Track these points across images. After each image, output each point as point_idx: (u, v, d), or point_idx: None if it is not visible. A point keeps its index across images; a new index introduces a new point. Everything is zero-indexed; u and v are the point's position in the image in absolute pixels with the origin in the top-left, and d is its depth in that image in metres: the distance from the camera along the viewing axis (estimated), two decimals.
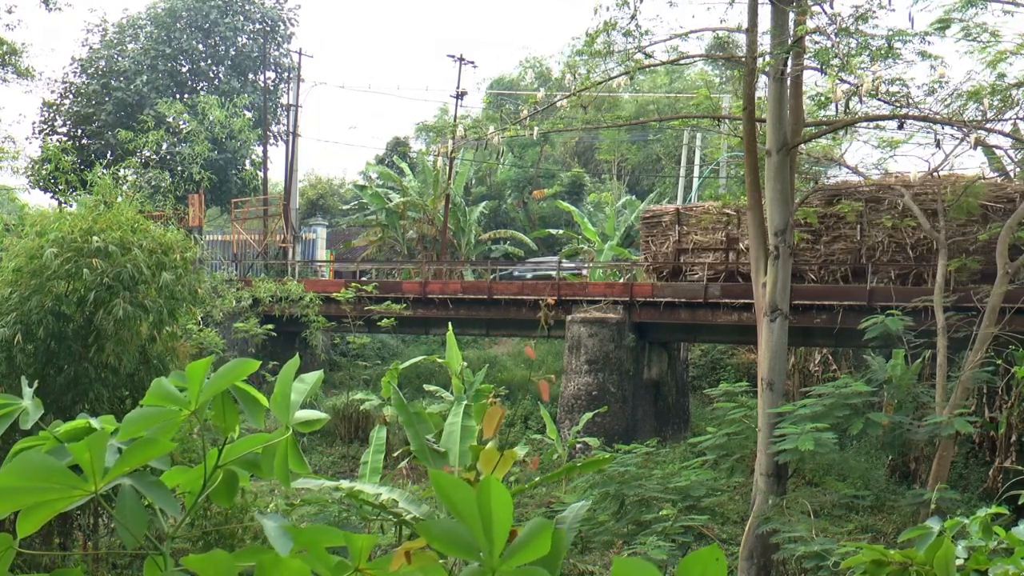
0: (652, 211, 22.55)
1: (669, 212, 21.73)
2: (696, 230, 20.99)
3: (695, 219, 21.01)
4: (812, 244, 19.48)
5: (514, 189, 38.77)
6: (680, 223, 21.11)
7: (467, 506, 1.44)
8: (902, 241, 18.53)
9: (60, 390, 9.76)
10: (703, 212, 21.02)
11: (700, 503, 11.50)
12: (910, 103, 11.95)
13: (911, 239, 18.32)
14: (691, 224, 21.06)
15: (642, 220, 22.73)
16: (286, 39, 37.82)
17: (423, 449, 8.80)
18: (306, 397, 1.85)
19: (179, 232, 11.35)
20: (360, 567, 1.72)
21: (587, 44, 11.87)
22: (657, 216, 21.90)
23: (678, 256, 21.08)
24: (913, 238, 18.26)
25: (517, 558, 1.44)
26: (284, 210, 30.19)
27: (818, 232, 19.34)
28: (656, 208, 23.10)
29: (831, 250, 19.43)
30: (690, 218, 21.12)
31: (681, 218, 21.17)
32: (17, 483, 1.50)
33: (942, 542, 2.43)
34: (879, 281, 18.49)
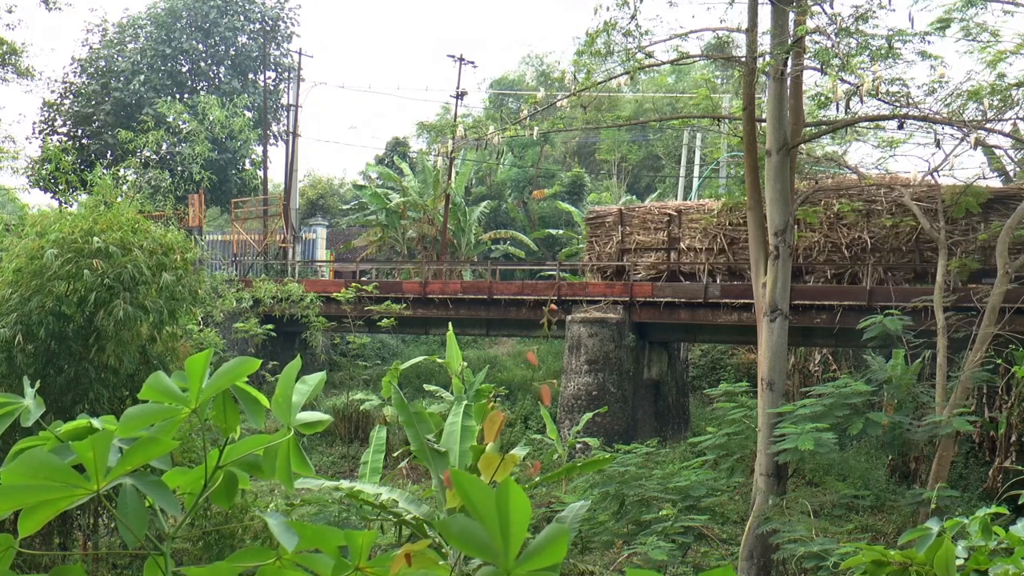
0: (596, 211, 22.91)
1: (612, 212, 22.10)
2: (638, 230, 21.40)
3: (638, 219, 21.44)
4: None
5: (514, 189, 38.77)
6: (623, 223, 21.52)
7: (486, 507, 1.44)
8: (837, 241, 18.89)
9: (60, 390, 9.77)
10: (645, 212, 21.46)
11: (700, 503, 11.50)
12: (910, 103, 11.96)
13: (846, 239, 18.69)
14: (634, 224, 21.47)
15: (586, 220, 23.11)
16: (286, 39, 37.82)
17: (423, 449, 8.81)
18: (308, 398, 1.84)
19: (179, 233, 11.36)
20: (360, 565, 1.72)
21: (587, 44, 11.88)
22: (601, 216, 22.27)
23: (621, 256, 21.45)
24: (848, 238, 18.65)
25: (533, 562, 1.44)
26: (284, 210, 30.19)
27: None
28: (599, 208, 23.47)
29: None
30: (633, 218, 21.54)
31: (624, 218, 21.58)
32: (20, 481, 1.50)
33: (942, 542, 2.43)
34: (815, 280, 18.96)
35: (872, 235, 18.57)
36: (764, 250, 11.82)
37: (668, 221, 20.96)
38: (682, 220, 20.81)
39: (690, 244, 20.67)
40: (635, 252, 21.35)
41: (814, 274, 19.14)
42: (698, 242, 20.57)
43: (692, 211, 20.90)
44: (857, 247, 18.73)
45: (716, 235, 20.37)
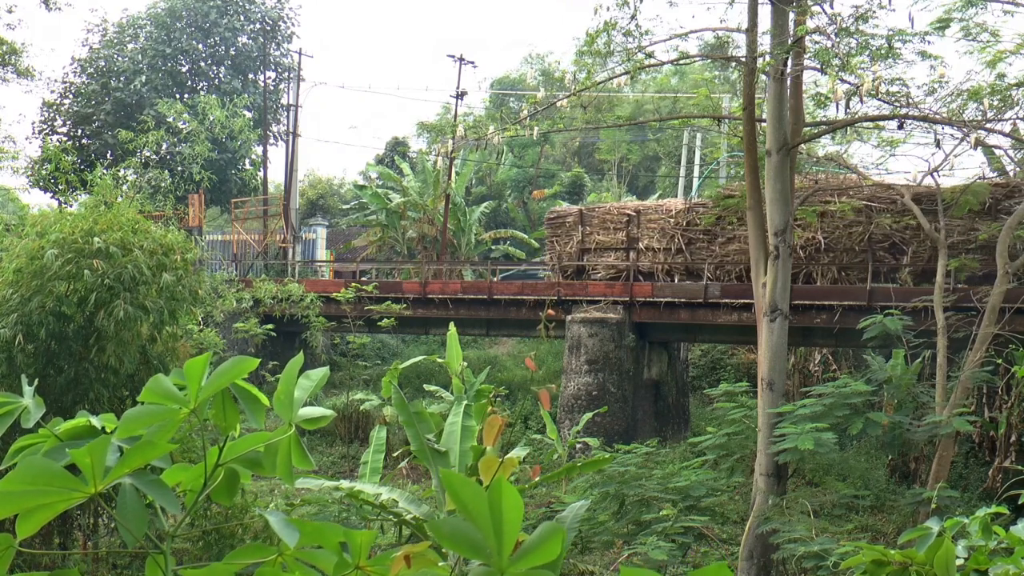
0: (556, 212, 23.22)
1: (572, 213, 22.37)
2: (598, 230, 21.66)
3: (598, 220, 21.69)
4: (708, 245, 20.24)
5: (514, 189, 38.77)
6: (583, 223, 21.77)
7: (478, 507, 1.44)
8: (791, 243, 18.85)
9: (60, 390, 9.77)
10: (604, 213, 21.74)
11: (700, 503, 11.50)
12: (910, 103, 11.96)
13: (800, 240, 18.97)
14: (594, 225, 21.72)
15: (547, 221, 23.41)
16: (286, 39, 37.83)
17: (423, 449, 8.81)
18: (310, 394, 1.84)
19: (179, 233, 11.36)
20: (360, 564, 1.72)
21: (587, 44, 11.88)
22: (561, 217, 22.55)
23: (582, 255, 21.69)
24: (802, 239, 18.94)
25: (526, 561, 1.44)
26: (284, 210, 30.18)
27: (713, 234, 20.12)
28: (560, 209, 23.79)
29: (726, 251, 20.13)
30: (593, 219, 21.79)
31: (584, 219, 21.83)
32: (19, 488, 1.50)
33: (942, 542, 2.43)
34: None
35: (826, 235, 18.85)
36: (764, 250, 11.81)
37: (627, 221, 21.30)
38: (641, 220, 21.17)
39: (648, 244, 21.00)
40: (595, 252, 21.67)
41: None
42: (656, 242, 20.89)
43: (651, 212, 21.27)
44: (811, 247, 19.02)
45: (674, 235, 20.70)
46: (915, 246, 18.03)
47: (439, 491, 8.89)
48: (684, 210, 20.65)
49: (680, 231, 20.60)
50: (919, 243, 17.85)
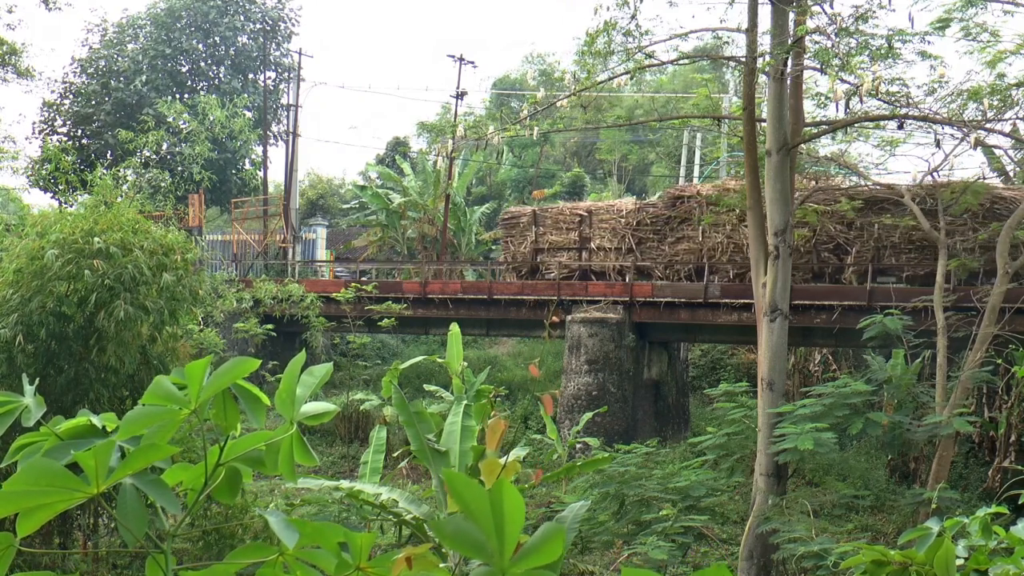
0: (511, 212, 23.62)
1: (526, 213, 22.80)
2: (551, 231, 22.08)
3: (551, 220, 22.11)
4: (658, 244, 20.70)
5: (514, 189, 38.77)
6: (537, 224, 22.17)
7: (480, 507, 1.44)
8: (740, 242, 19.56)
9: (61, 390, 9.77)
10: (557, 213, 22.20)
11: (700, 503, 11.50)
12: (910, 103, 11.96)
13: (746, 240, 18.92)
14: (547, 225, 22.13)
15: (501, 221, 23.83)
16: (286, 39, 37.83)
17: (423, 449, 8.81)
18: (313, 391, 1.83)
19: (180, 233, 11.36)
20: (360, 565, 1.72)
21: (587, 44, 11.88)
22: (516, 217, 22.98)
23: (535, 255, 22.07)
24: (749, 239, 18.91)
25: (528, 561, 1.44)
26: (284, 210, 30.18)
27: (663, 233, 20.62)
28: (514, 209, 24.14)
29: (675, 250, 20.57)
30: (546, 219, 22.19)
31: (538, 219, 22.22)
32: (22, 487, 1.51)
33: (942, 542, 2.43)
34: (719, 279, 19.73)
35: None
36: (764, 250, 11.81)
37: (579, 221, 21.70)
38: (593, 221, 21.55)
39: (600, 244, 21.39)
40: (548, 252, 22.08)
41: (717, 274, 19.88)
42: (608, 242, 21.28)
43: (602, 212, 21.66)
44: None
45: (624, 235, 21.10)
46: (858, 246, 18.51)
47: (439, 491, 8.89)
48: (634, 210, 21.14)
49: (631, 231, 21.06)
50: (862, 244, 18.40)
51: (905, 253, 18.37)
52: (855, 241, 18.61)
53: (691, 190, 21.05)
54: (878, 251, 18.43)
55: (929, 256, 17.94)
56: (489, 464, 3.01)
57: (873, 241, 18.36)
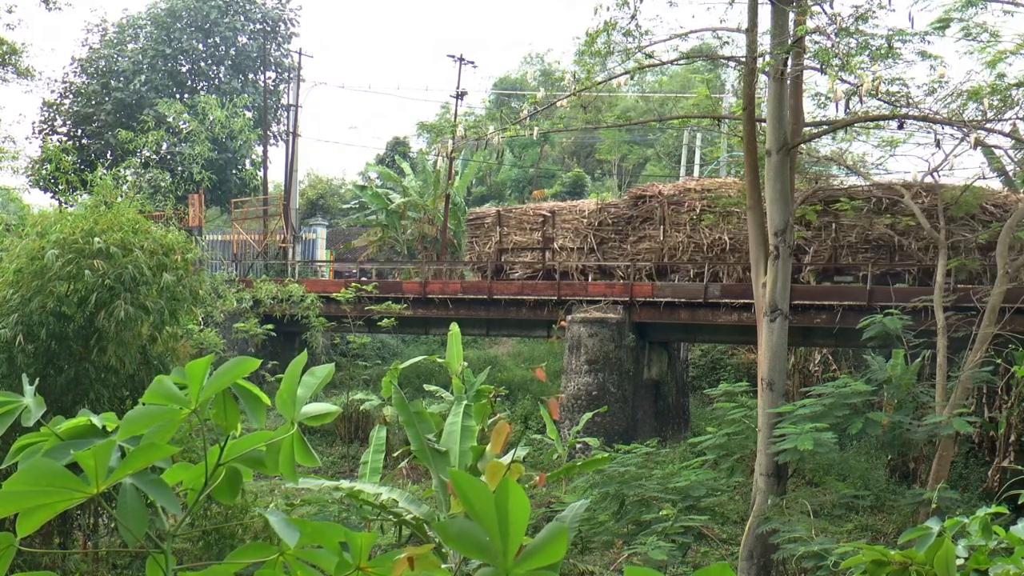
0: (476, 213, 24.09)
1: (491, 214, 23.20)
2: (515, 231, 22.45)
3: (515, 220, 22.50)
4: (620, 244, 21.09)
5: (514, 189, 38.77)
6: (501, 224, 22.50)
7: (485, 507, 1.44)
8: (700, 242, 20.02)
9: (61, 391, 9.77)
10: (521, 214, 22.61)
11: (700, 503, 11.50)
12: (910, 103, 11.96)
13: (707, 240, 19.87)
14: (511, 225, 22.51)
15: (467, 222, 24.27)
16: (286, 39, 37.82)
17: (423, 449, 8.81)
18: (314, 392, 1.83)
19: (180, 233, 11.35)
20: (361, 565, 1.72)
21: (587, 44, 11.88)
22: (480, 218, 23.43)
23: (500, 255, 22.41)
24: (709, 239, 19.83)
25: (532, 562, 1.44)
26: (284, 210, 30.17)
27: (625, 233, 21.00)
28: (479, 210, 24.67)
29: (637, 249, 20.94)
30: (510, 219, 22.58)
31: (502, 219, 22.57)
32: (23, 488, 1.51)
33: (942, 542, 2.43)
34: (680, 279, 20.18)
35: (731, 236, 19.68)
36: (764, 250, 11.80)
37: (543, 222, 22.02)
38: (556, 221, 21.87)
39: (563, 244, 21.71)
40: (512, 252, 22.43)
41: (678, 273, 20.27)
42: (570, 242, 21.61)
43: (565, 212, 22.00)
44: (718, 247, 19.83)
45: (587, 235, 21.41)
46: (816, 246, 18.90)
47: (439, 491, 8.89)
48: (596, 210, 21.47)
49: (592, 231, 21.38)
50: (820, 243, 18.83)
51: (862, 253, 18.77)
52: (813, 241, 18.98)
53: (652, 190, 21.43)
54: (835, 251, 18.83)
55: (885, 256, 18.47)
56: (493, 465, 3.01)
57: (830, 241, 18.78)
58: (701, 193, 20.01)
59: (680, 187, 20.92)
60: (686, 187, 20.70)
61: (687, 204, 20.07)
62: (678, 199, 20.24)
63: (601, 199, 23.89)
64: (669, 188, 21.10)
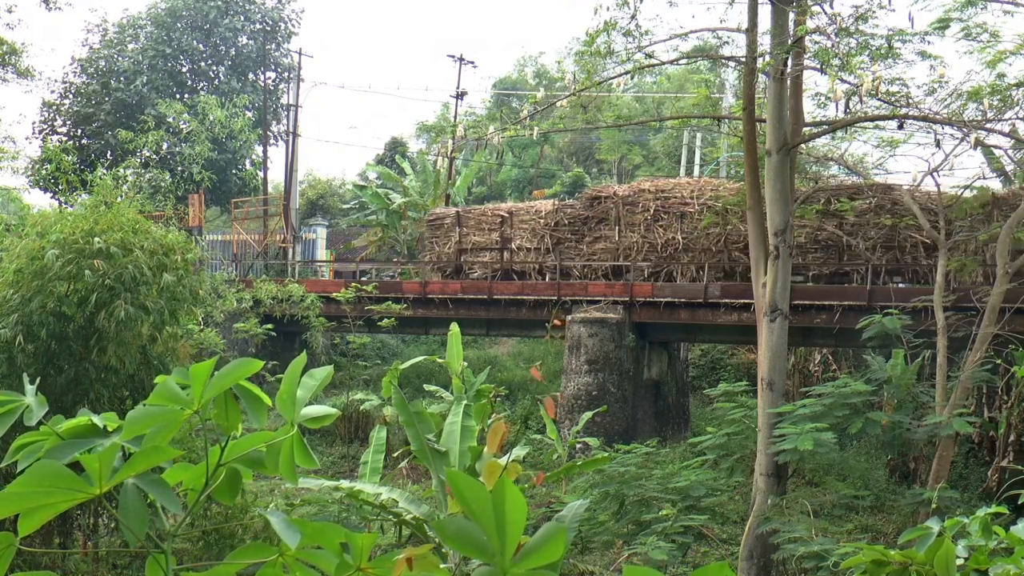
0: (435, 214, 24.30)
1: (450, 215, 23.48)
2: (474, 231, 22.77)
3: (473, 221, 22.80)
4: (576, 244, 21.40)
5: (514, 189, 38.77)
6: (460, 225, 22.80)
7: (482, 507, 1.44)
8: (654, 242, 20.44)
9: (61, 390, 9.77)
10: (480, 214, 22.95)
11: (700, 503, 11.50)
12: (910, 103, 11.96)
13: (661, 239, 20.26)
14: (470, 226, 22.80)
15: (427, 223, 24.47)
16: (286, 39, 37.82)
17: (423, 449, 8.81)
18: (313, 393, 1.84)
19: (180, 233, 11.35)
20: (361, 566, 1.72)
21: (587, 44, 11.88)
22: (440, 219, 23.67)
23: (459, 255, 22.72)
24: (663, 239, 20.25)
25: (529, 561, 1.44)
26: (284, 210, 30.18)
27: (581, 233, 21.32)
28: (439, 211, 24.81)
29: (593, 249, 21.26)
30: (469, 220, 22.87)
31: (461, 220, 22.86)
32: (28, 489, 1.51)
33: (942, 542, 2.43)
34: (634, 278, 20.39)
35: (685, 236, 20.05)
36: (764, 250, 11.80)
37: (501, 222, 22.33)
38: (514, 221, 22.18)
39: (520, 244, 22.05)
40: (471, 252, 22.72)
41: (632, 272, 20.58)
42: (528, 242, 21.95)
43: (522, 212, 22.31)
44: (671, 247, 20.21)
45: (544, 235, 21.73)
46: None
47: (439, 491, 8.90)
48: (553, 211, 21.79)
49: (549, 231, 21.69)
50: None
51: (811, 253, 19.09)
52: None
53: (607, 191, 21.76)
54: None
55: (834, 256, 18.82)
56: (490, 465, 3.02)
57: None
58: (655, 194, 20.50)
59: (635, 188, 21.33)
60: (640, 188, 21.12)
61: (641, 205, 20.51)
62: (633, 200, 20.68)
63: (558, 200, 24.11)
64: (624, 189, 21.51)
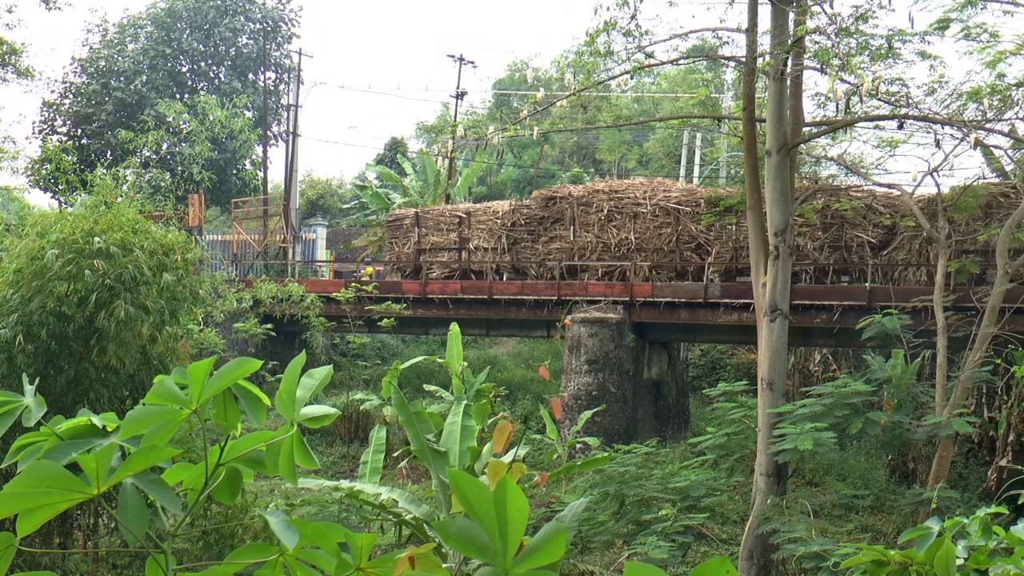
0: (394, 215, 24.68)
1: (409, 215, 23.80)
2: (433, 232, 23.09)
3: (432, 221, 23.11)
4: (532, 244, 21.79)
5: (514, 189, 38.74)
6: (419, 225, 23.13)
7: (484, 507, 1.44)
8: (608, 242, 20.77)
9: (61, 391, 9.76)
10: (438, 215, 23.28)
11: (700, 503, 11.50)
12: (910, 103, 11.96)
13: (615, 239, 20.64)
14: (429, 226, 23.12)
15: (386, 223, 24.85)
16: (286, 39, 37.82)
17: (423, 449, 8.81)
18: (313, 393, 1.83)
19: (180, 233, 11.34)
20: (361, 566, 1.72)
21: (587, 44, 11.88)
22: (399, 219, 24.03)
23: (418, 256, 23.04)
24: (616, 239, 20.62)
25: (531, 561, 1.44)
26: (284, 210, 30.17)
27: (537, 233, 21.70)
28: (398, 212, 25.15)
29: (548, 249, 21.59)
30: (428, 220, 23.18)
31: (420, 220, 23.17)
32: (25, 489, 1.51)
33: (942, 542, 2.43)
34: (589, 277, 20.76)
35: (637, 236, 20.43)
36: (764, 250, 11.80)
37: (459, 222, 22.66)
38: (471, 222, 22.50)
39: (478, 244, 22.39)
40: (430, 252, 23.01)
41: (588, 272, 20.91)
42: (485, 242, 22.28)
43: (480, 213, 22.64)
44: (625, 247, 20.55)
45: (500, 235, 22.06)
46: (718, 247, 19.63)
47: (439, 491, 8.89)
48: (510, 211, 22.09)
49: (506, 231, 22.00)
50: (722, 244, 19.57)
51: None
52: (715, 242, 19.69)
53: (562, 191, 22.07)
54: (736, 251, 19.43)
55: None
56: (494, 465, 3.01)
57: (731, 242, 19.44)
58: (609, 195, 20.82)
59: (589, 189, 21.64)
60: (595, 188, 21.43)
61: (595, 205, 20.84)
62: (587, 200, 21.00)
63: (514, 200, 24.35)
64: (578, 190, 21.84)
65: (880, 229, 18.30)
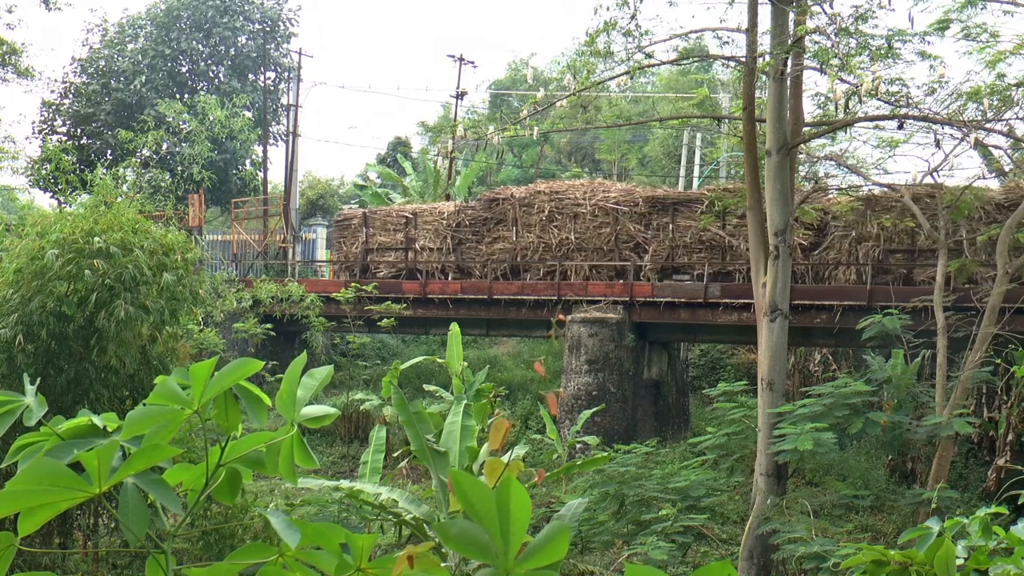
0: (343, 215, 25.02)
1: (357, 216, 24.09)
2: (380, 232, 23.39)
3: (379, 221, 23.42)
4: (476, 244, 22.13)
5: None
6: (367, 225, 23.42)
7: (486, 507, 1.43)
8: (549, 242, 21.19)
9: (61, 391, 9.76)
10: (385, 215, 23.60)
11: (700, 503, 11.50)
12: (910, 103, 11.96)
13: (556, 240, 21.07)
14: (376, 226, 23.41)
15: (335, 223, 25.13)
16: (286, 39, 37.80)
17: (423, 449, 8.81)
18: (313, 393, 1.83)
19: (180, 233, 11.34)
20: (361, 566, 1.72)
21: (587, 44, 11.88)
22: (347, 219, 24.32)
23: (366, 255, 23.29)
24: (557, 239, 21.04)
25: (533, 561, 1.44)
26: (284, 210, 30.17)
27: (481, 234, 22.05)
28: (346, 212, 25.54)
29: (492, 249, 21.93)
30: (375, 220, 23.48)
31: (368, 220, 23.47)
32: (25, 487, 1.51)
33: (942, 542, 2.43)
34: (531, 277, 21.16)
35: (578, 236, 20.77)
36: (764, 250, 11.80)
37: (405, 223, 22.99)
38: (418, 222, 22.82)
39: (424, 244, 22.70)
40: (377, 252, 23.28)
41: (530, 272, 21.21)
42: (431, 242, 22.62)
43: (426, 213, 22.98)
44: (566, 247, 20.91)
45: (446, 236, 22.39)
46: (655, 246, 20.01)
47: (439, 491, 8.89)
48: (455, 212, 22.46)
49: (451, 232, 22.32)
50: (658, 243, 19.96)
51: (696, 253, 19.81)
52: (652, 240, 20.04)
53: (505, 192, 22.39)
54: (672, 250, 19.84)
55: (717, 256, 19.51)
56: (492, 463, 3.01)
57: (668, 241, 19.82)
58: (550, 196, 21.14)
59: (531, 190, 21.92)
60: (536, 190, 21.73)
61: (537, 206, 21.14)
62: (529, 201, 21.29)
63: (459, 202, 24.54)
64: (520, 191, 22.11)
65: (809, 230, 18.64)
